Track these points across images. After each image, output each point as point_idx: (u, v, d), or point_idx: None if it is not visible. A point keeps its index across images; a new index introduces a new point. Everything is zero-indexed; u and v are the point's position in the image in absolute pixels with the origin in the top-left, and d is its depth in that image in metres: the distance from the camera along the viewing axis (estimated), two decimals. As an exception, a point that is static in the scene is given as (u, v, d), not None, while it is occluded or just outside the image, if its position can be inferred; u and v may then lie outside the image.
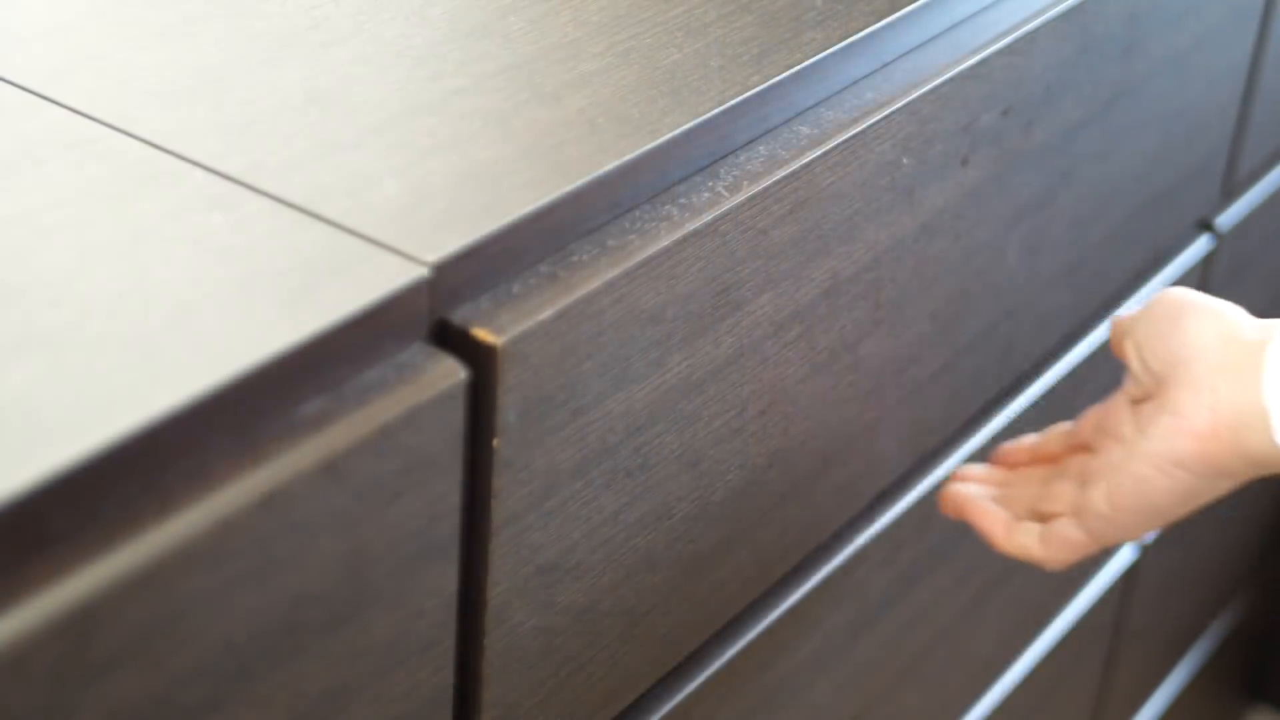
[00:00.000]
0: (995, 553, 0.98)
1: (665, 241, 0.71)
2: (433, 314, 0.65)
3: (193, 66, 0.74)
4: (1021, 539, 0.92)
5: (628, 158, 0.71)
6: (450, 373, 0.64)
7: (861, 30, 0.82)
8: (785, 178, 0.76)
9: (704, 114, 0.74)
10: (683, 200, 0.73)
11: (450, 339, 0.65)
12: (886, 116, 0.81)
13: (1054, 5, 0.91)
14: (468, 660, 0.70)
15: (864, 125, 0.80)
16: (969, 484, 0.95)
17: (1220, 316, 0.85)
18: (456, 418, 0.64)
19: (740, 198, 0.74)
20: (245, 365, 0.58)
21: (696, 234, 0.72)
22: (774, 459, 0.84)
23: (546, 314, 0.66)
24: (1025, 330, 1.02)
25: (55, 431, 0.54)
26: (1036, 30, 0.90)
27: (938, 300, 0.92)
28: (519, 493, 0.68)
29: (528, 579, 0.71)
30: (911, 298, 0.89)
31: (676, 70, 0.77)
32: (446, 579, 0.67)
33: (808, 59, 0.79)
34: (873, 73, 0.83)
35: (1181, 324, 0.85)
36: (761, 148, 0.77)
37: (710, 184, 0.74)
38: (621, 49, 0.78)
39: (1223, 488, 0.85)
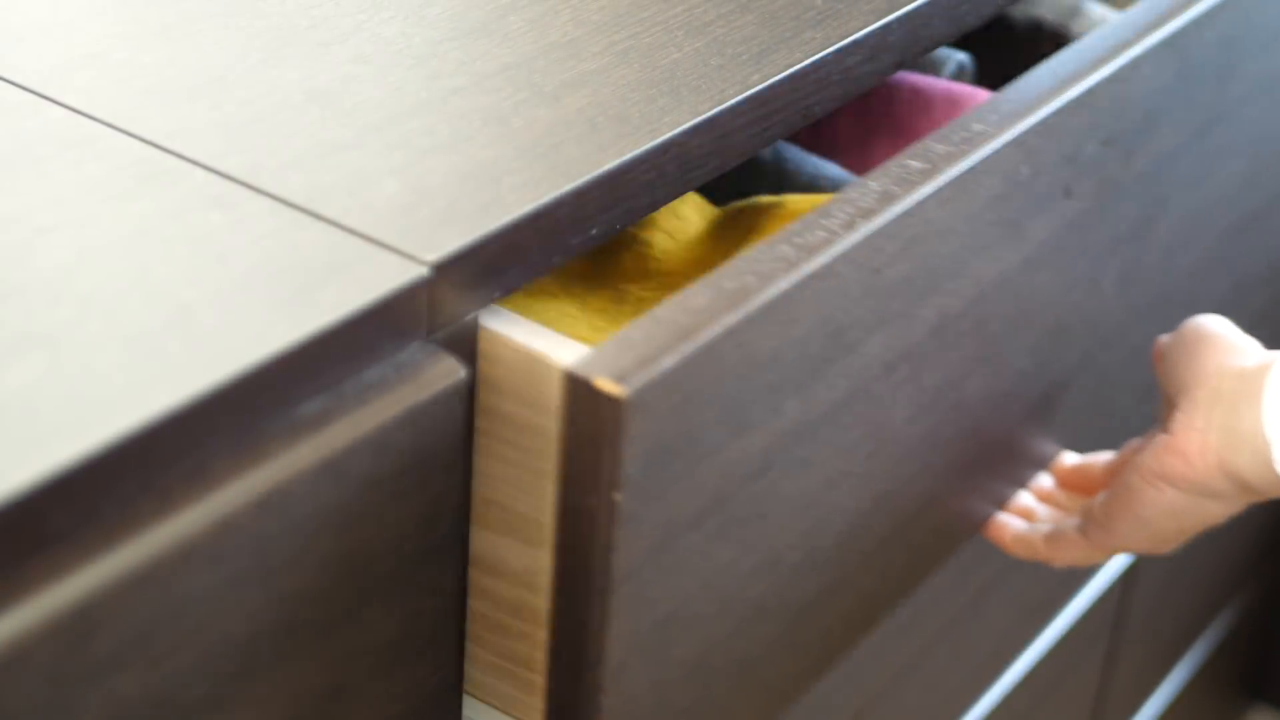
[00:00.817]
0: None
1: (784, 284, 0.67)
2: (432, 315, 0.65)
3: (193, 66, 0.74)
4: (1028, 536, 0.94)
5: (626, 157, 0.71)
6: (450, 372, 0.64)
7: (861, 29, 0.81)
8: (900, 215, 0.73)
9: (704, 113, 0.74)
10: (797, 239, 0.70)
11: (580, 394, 0.62)
12: (997, 150, 0.78)
13: (1157, 30, 0.89)
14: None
15: (975, 159, 0.77)
16: (1021, 497, 0.98)
17: (1230, 347, 0.87)
18: (457, 418, 0.64)
19: (855, 236, 0.71)
20: (245, 365, 0.58)
21: (815, 276, 0.69)
22: (879, 502, 0.81)
23: (669, 362, 0.63)
24: (1117, 360, 1.01)
25: (55, 431, 0.54)
26: (1140, 57, 0.87)
27: (1037, 334, 0.89)
28: (638, 547, 0.66)
29: (644, 634, 0.69)
30: (1013, 333, 0.87)
31: (676, 69, 0.77)
32: (446, 579, 0.67)
33: (808, 58, 0.79)
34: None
35: (1195, 352, 0.88)
36: (873, 183, 0.74)
37: (824, 221, 0.71)
38: (621, 48, 0.78)
39: (1216, 509, 0.87)
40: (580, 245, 0.70)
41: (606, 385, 0.62)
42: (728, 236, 0.88)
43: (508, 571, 0.73)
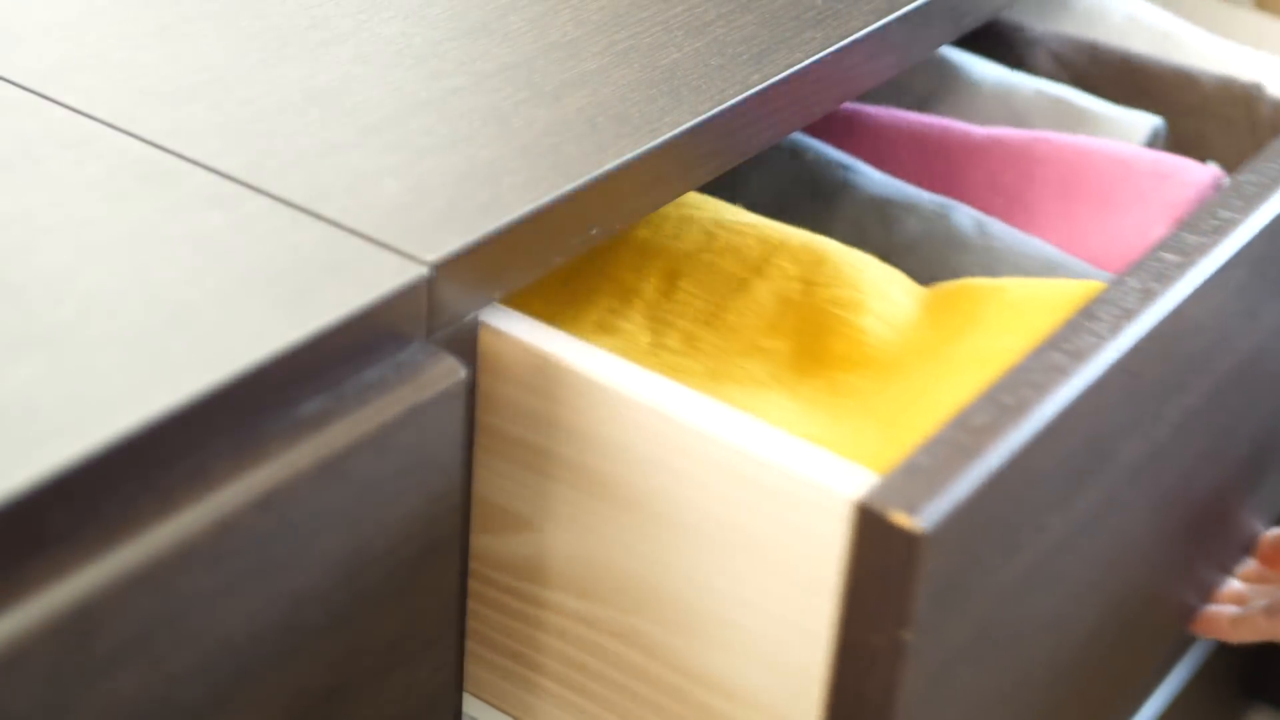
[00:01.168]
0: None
1: (1062, 398, 0.65)
2: (432, 315, 0.65)
3: (193, 66, 0.74)
4: (1248, 617, 0.92)
5: (626, 157, 0.71)
6: (450, 372, 0.64)
7: (861, 29, 0.81)
8: (1164, 315, 0.71)
9: (704, 113, 0.74)
10: (1066, 345, 0.68)
11: (871, 528, 0.58)
12: (1250, 240, 0.76)
13: None
14: None
15: (1230, 251, 0.74)
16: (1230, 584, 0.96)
17: None
18: (457, 418, 0.64)
19: (1123, 341, 0.69)
20: (245, 365, 0.58)
21: (1091, 388, 0.67)
22: (1114, 610, 0.79)
23: (961, 491, 0.60)
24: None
25: (55, 431, 0.54)
26: None
27: (1257, 419, 0.87)
28: (916, 684, 0.63)
29: None
30: (1239, 422, 0.85)
31: (676, 69, 0.77)
32: (446, 579, 0.67)
33: (808, 58, 0.79)
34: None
35: None
36: (1132, 280, 0.72)
37: (1089, 324, 0.69)
38: (621, 48, 0.78)
39: None
40: (580, 245, 0.70)
41: (902, 519, 0.58)
42: (945, 321, 0.82)
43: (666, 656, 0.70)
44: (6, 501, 0.51)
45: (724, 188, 0.92)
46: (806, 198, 0.92)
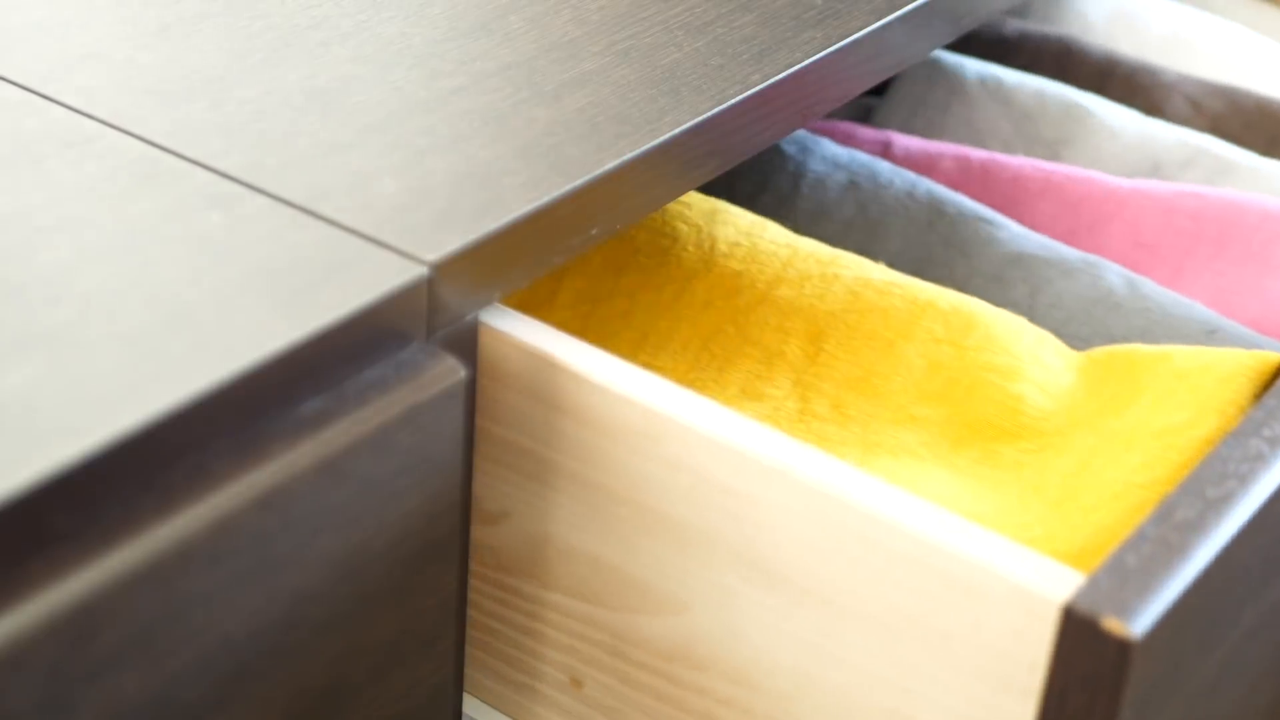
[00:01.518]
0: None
1: (1266, 489, 0.64)
2: (432, 315, 0.65)
3: (193, 66, 0.74)
4: None
5: (626, 157, 0.71)
6: (450, 372, 0.64)
7: (861, 29, 0.81)
8: None
9: (704, 113, 0.74)
10: (1266, 431, 0.66)
11: (1079, 633, 0.57)
12: None
13: None
14: None
15: None
16: None
17: None
18: (457, 417, 0.64)
19: None
20: (245, 365, 0.58)
21: None
22: (1278, 697, 0.78)
23: (1172, 594, 0.58)
24: None
25: (55, 431, 0.54)
26: None
27: None
28: None
29: None
30: None
31: (676, 69, 0.77)
32: (446, 578, 0.67)
33: (808, 58, 0.79)
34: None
35: None
36: None
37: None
38: (621, 48, 0.78)
39: None
40: (580, 245, 0.70)
41: (1115, 626, 0.56)
42: (1106, 390, 0.77)
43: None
44: (7, 501, 0.51)
45: (860, 240, 0.89)
46: (947, 252, 0.89)
